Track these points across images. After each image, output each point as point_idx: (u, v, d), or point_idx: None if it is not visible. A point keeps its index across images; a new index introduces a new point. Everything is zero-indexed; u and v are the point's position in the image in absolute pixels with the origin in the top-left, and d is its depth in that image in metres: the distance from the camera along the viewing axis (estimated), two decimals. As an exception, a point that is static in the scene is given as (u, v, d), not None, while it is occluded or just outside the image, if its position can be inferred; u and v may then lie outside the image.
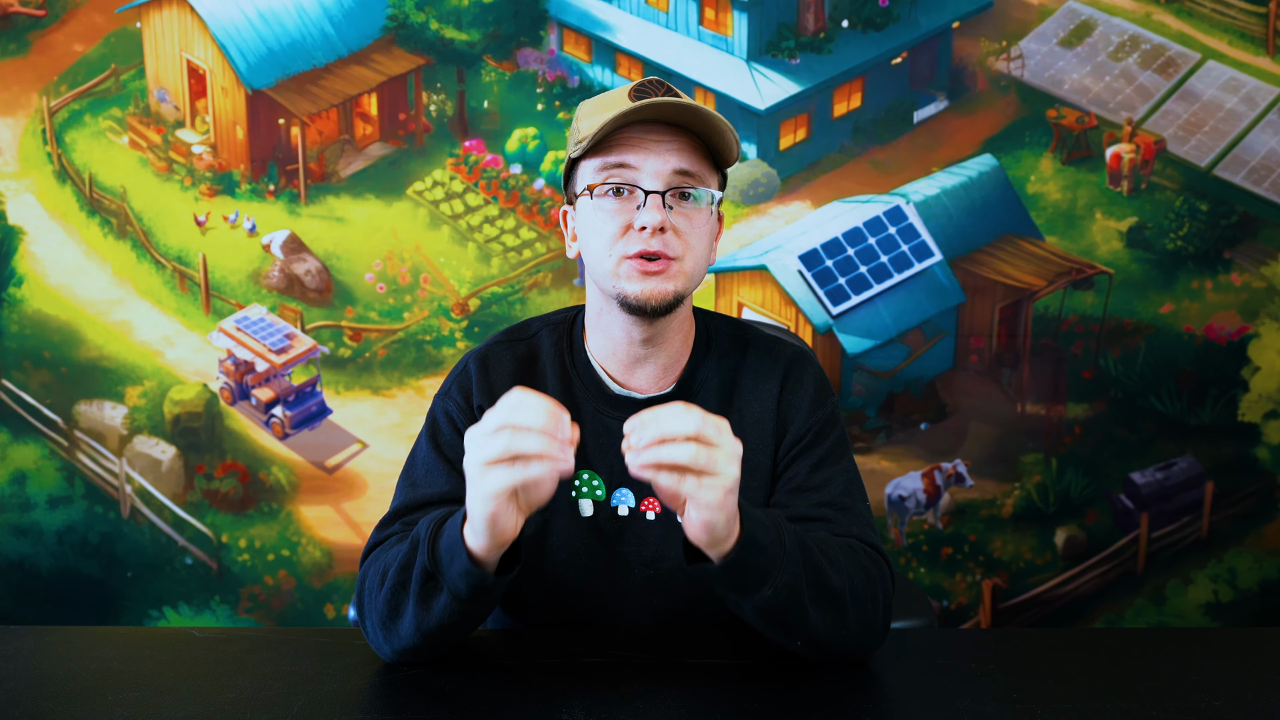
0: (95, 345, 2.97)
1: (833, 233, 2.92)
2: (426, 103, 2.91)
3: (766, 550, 1.31)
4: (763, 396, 1.62)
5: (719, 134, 1.49)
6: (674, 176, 1.49)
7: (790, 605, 1.34)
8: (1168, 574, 3.07)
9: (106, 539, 3.03)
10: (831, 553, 1.41)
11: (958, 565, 3.05)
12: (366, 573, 1.47)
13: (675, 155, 1.49)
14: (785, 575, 1.32)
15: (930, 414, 3.00)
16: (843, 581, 1.39)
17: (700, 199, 1.52)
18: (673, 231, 1.49)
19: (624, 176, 1.50)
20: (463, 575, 1.31)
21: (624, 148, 1.49)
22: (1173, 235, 2.93)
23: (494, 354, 1.64)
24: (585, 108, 1.55)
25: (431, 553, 1.34)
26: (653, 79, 1.52)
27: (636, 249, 1.48)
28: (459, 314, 2.95)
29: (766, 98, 2.88)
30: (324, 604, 3.05)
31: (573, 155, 1.54)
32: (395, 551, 1.41)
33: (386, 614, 1.40)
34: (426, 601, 1.36)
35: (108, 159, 2.92)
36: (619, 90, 1.52)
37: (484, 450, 1.24)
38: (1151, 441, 3.01)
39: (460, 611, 1.35)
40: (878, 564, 1.47)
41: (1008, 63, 2.90)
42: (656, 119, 1.49)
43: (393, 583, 1.38)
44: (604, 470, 1.58)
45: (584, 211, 1.54)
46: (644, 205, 1.48)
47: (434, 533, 1.35)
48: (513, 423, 1.22)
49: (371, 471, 3.01)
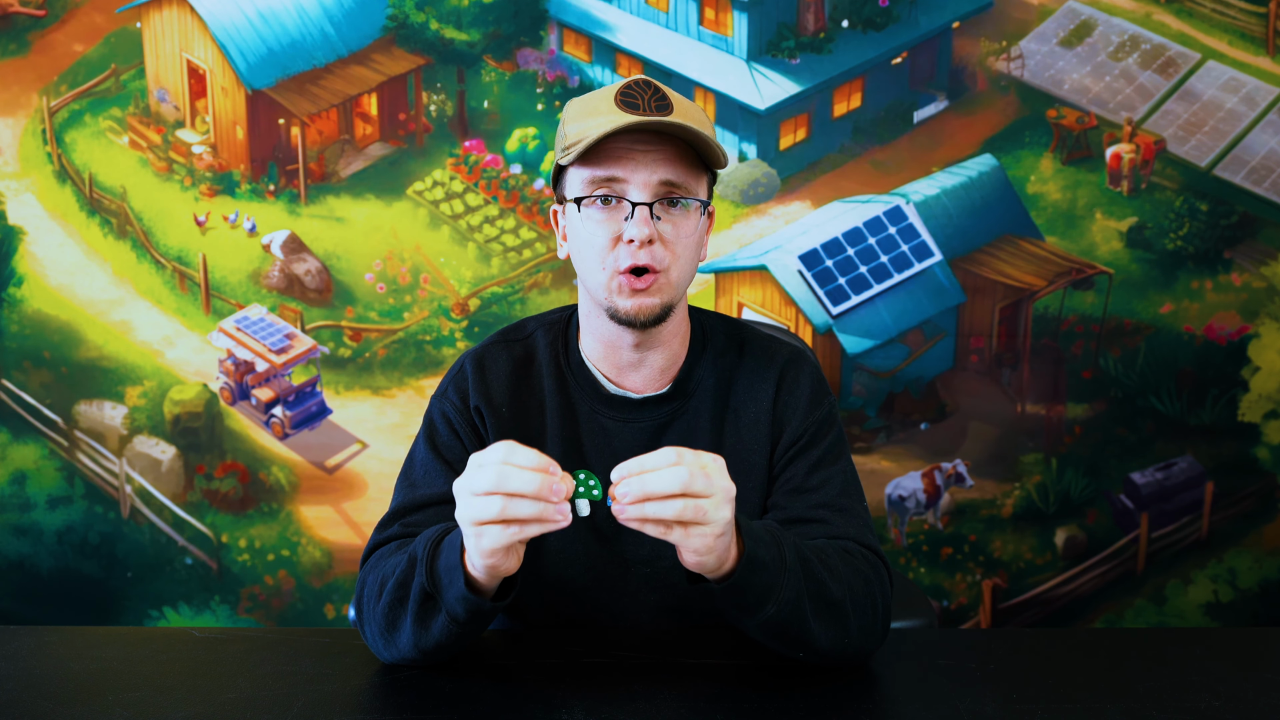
0: (95, 345, 2.97)
1: (833, 233, 2.92)
2: (426, 103, 2.91)
3: (768, 568, 1.31)
4: (759, 397, 1.62)
5: (705, 145, 1.49)
6: (661, 187, 1.49)
7: (793, 620, 1.34)
8: (1168, 574, 3.07)
9: (106, 539, 3.03)
10: (831, 561, 1.41)
11: (958, 565, 3.05)
12: (366, 578, 1.47)
13: (662, 166, 1.49)
14: (787, 592, 1.33)
15: (930, 414, 3.00)
16: (843, 590, 1.39)
17: (688, 204, 1.52)
18: (660, 241, 1.49)
19: (612, 188, 1.50)
20: (460, 600, 1.32)
21: (611, 161, 1.49)
22: (1173, 235, 2.93)
23: (490, 354, 1.65)
24: (571, 110, 1.55)
25: (430, 573, 1.34)
26: (640, 80, 1.51)
27: (626, 264, 1.49)
28: (459, 314, 2.95)
29: (766, 98, 2.88)
30: (324, 604, 3.05)
31: (560, 162, 1.54)
32: (393, 563, 1.41)
33: (384, 627, 1.40)
34: (424, 620, 1.36)
35: (108, 159, 2.93)
36: (605, 92, 1.51)
37: (476, 511, 1.23)
38: (1151, 441, 3.01)
39: (458, 632, 1.35)
40: (875, 567, 1.48)
41: (1008, 63, 2.90)
42: (643, 129, 1.49)
43: (390, 598, 1.38)
44: (600, 470, 1.58)
45: (573, 219, 1.54)
46: (631, 217, 1.48)
47: (432, 552, 1.35)
48: (504, 489, 1.21)
49: (371, 471, 3.01)
